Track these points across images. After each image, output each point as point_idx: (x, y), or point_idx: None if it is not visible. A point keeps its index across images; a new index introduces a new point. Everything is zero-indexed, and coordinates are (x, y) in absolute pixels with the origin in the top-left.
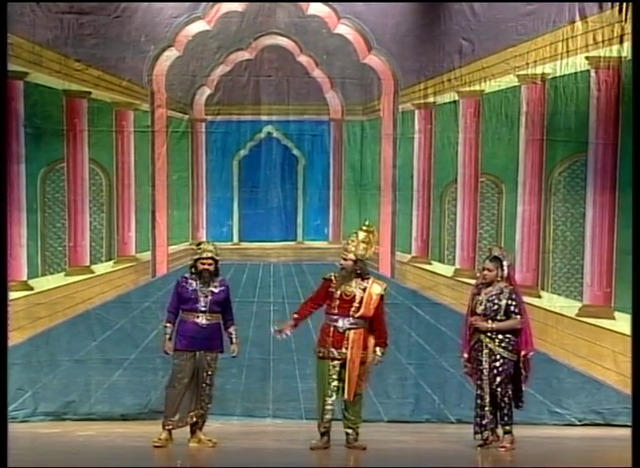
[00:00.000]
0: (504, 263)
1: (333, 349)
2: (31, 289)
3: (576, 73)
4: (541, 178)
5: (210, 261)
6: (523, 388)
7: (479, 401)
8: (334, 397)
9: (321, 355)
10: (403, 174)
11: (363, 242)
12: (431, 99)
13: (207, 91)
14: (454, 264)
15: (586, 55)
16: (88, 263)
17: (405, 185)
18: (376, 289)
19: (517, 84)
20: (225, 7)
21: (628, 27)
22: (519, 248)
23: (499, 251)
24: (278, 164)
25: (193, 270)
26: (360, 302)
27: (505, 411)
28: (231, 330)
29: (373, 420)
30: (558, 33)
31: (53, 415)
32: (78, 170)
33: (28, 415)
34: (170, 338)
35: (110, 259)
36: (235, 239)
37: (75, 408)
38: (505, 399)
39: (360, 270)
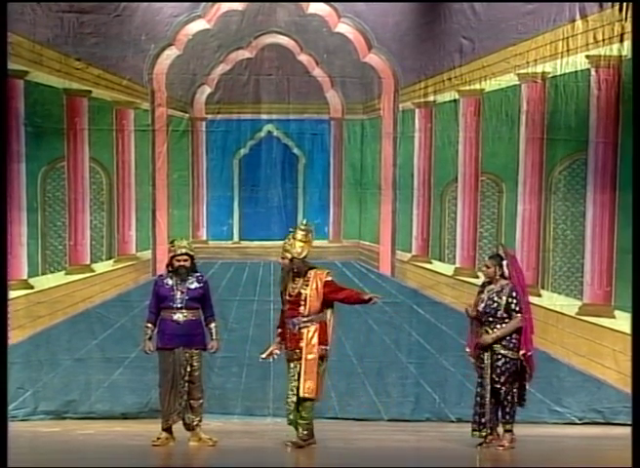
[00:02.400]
0: (504, 262)
1: (290, 350)
2: (32, 287)
3: (576, 72)
4: (542, 177)
5: (185, 257)
6: (527, 386)
7: (479, 399)
8: (294, 398)
9: (287, 358)
10: (403, 172)
11: (300, 241)
12: (431, 98)
13: (207, 89)
14: (454, 263)
15: (587, 53)
16: (88, 262)
17: (405, 184)
18: (318, 280)
19: (517, 83)
20: (226, 6)
21: (629, 26)
22: (519, 246)
23: (501, 249)
24: (278, 163)
25: (170, 268)
26: (305, 300)
27: (507, 410)
28: (211, 326)
29: (373, 419)
30: (558, 32)
31: (53, 414)
32: (79, 168)
33: (29, 414)
34: (150, 338)
35: (111, 258)
36: (235, 238)
37: (75, 406)
38: (509, 397)
39: (297, 269)
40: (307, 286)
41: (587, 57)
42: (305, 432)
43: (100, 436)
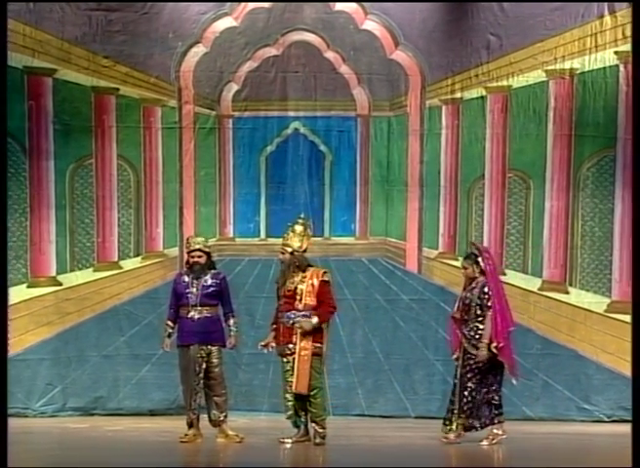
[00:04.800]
0: (479, 259)
1: (284, 345)
2: (60, 284)
3: (604, 68)
4: (569, 174)
5: (199, 254)
6: (501, 385)
7: (451, 396)
8: (292, 392)
9: (278, 352)
10: (430, 169)
11: (299, 235)
12: (458, 95)
13: (234, 87)
14: None
15: (615, 49)
16: (116, 259)
17: (432, 181)
18: (315, 277)
19: (545, 79)
20: (252, 3)
21: None
22: (547, 244)
23: (472, 247)
24: (305, 160)
25: (187, 265)
26: (302, 295)
27: (462, 404)
28: (230, 322)
29: (400, 416)
30: (586, 28)
31: (81, 410)
32: (106, 166)
33: (57, 410)
34: (169, 336)
35: (138, 255)
36: (262, 235)
37: (104, 403)
38: (473, 393)
39: (298, 263)
40: (304, 282)
41: (616, 53)
42: (322, 429)
43: (128, 432)
